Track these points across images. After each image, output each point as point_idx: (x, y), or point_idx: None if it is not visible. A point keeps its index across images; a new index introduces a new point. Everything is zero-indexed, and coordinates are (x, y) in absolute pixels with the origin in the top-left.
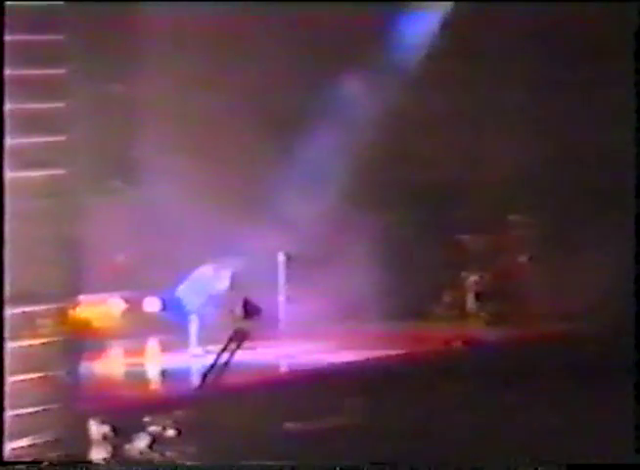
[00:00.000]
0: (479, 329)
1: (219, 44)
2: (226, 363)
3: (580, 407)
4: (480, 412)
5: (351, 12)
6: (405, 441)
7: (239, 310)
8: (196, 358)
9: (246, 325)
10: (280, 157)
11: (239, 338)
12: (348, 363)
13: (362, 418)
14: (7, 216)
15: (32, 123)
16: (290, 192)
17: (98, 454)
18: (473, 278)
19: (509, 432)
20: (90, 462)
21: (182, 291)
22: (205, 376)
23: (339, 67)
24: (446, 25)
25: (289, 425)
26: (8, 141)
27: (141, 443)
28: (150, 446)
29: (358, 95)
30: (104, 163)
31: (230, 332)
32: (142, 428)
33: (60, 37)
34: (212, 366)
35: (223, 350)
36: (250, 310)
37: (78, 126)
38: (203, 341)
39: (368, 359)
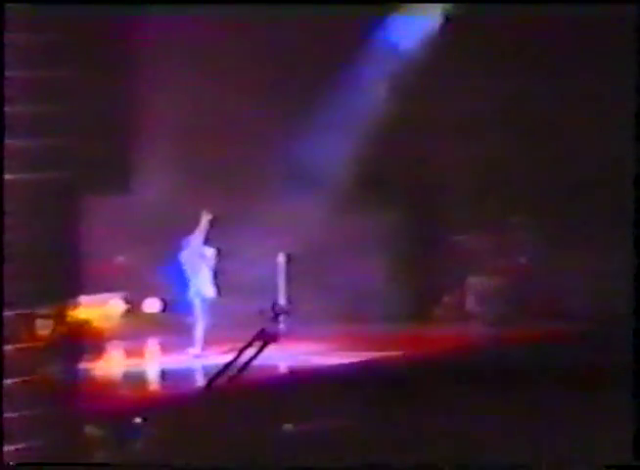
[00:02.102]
0: (479, 330)
1: (219, 46)
2: (247, 363)
3: (580, 408)
4: (479, 414)
5: (350, 13)
6: (405, 443)
7: (268, 312)
8: (197, 359)
9: (273, 327)
10: (280, 158)
11: (265, 338)
12: (348, 364)
13: (362, 420)
14: (6, 216)
15: (33, 125)
16: (290, 193)
17: (97, 456)
18: (473, 279)
19: (509, 433)
20: (89, 464)
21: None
22: (217, 375)
23: (338, 68)
24: (445, 27)
25: (287, 426)
26: (7, 142)
27: (139, 444)
28: (148, 447)
29: (358, 97)
30: (104, 164)
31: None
32: (140, 429)
33: (60, 38)
34: (228, 365)
35: (244, 348)
36: (279, 313)
37: (80, 127)
38: (205, 342)
39: (368, 361)
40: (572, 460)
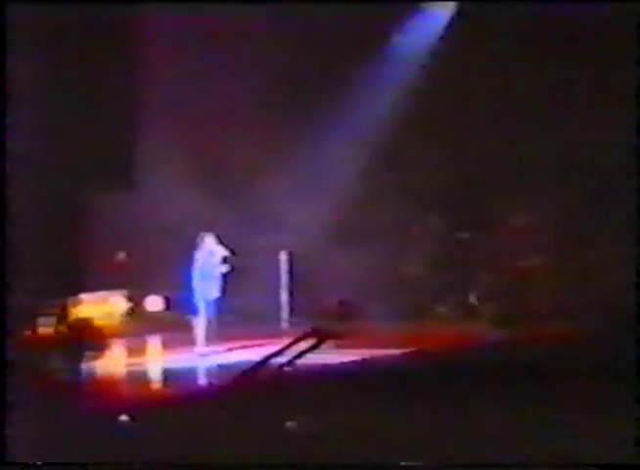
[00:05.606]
0: (482, 328)
1: (221, 42)
2: (295, 358)
3: (582, 407)
4: (481, 412)
5: (356, 13)
6: (408, 440)
7: (333, 310)
8: (202, 358)
9: (333, 326)
10: (283, 158)
11: (320, 336)
12: (351, 362)
13: (365, 418)
14: (9, 215)
15: (35, 124)
16: (293, 192)
17: (98, 455)
18: (477, 278)
19: (510, 432)
20: (89, 464)
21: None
22: (255, 367)
23: (341, 69)
24: (448, 28)
25: (290, 424)
26: (10, 141)
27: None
28: (149, 446)
29: (360, 98)
30: (109, 161)
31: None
32: (140, 427)
33: (60, 36)
34: (263, 362)
35: (293, 344)
36: (345, 312)
37: (79, 127)
38: (209, 340)
39: (371, 358)
40: (574, 460)
